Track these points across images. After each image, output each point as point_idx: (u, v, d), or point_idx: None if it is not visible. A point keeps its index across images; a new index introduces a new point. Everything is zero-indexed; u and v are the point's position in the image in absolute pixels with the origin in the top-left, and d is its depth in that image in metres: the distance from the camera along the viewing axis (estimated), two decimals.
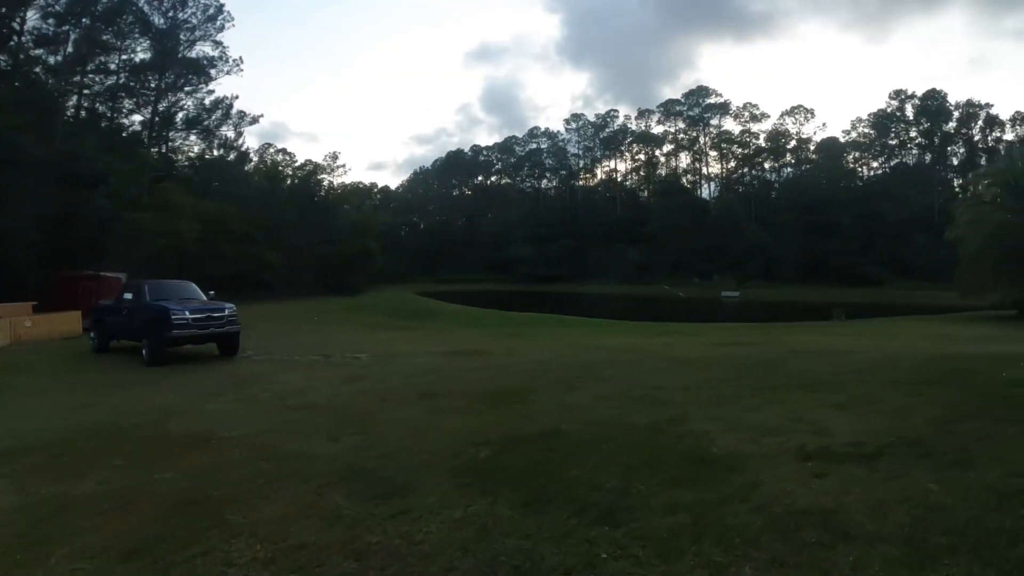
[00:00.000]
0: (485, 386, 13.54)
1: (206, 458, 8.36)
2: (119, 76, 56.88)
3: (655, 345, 22.95)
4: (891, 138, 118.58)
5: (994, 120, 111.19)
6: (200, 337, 19.02)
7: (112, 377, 16.28)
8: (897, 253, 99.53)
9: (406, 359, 18.68)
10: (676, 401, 11.57)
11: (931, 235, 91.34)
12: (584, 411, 10.79)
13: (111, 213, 39.53)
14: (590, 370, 15.79)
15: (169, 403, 12.31)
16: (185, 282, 23.12)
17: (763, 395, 12.04)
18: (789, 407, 10.84)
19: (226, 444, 9.02)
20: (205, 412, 11.40)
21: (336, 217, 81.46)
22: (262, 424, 10.22)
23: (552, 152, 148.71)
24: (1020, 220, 37.33)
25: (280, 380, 14.76)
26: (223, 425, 10.17)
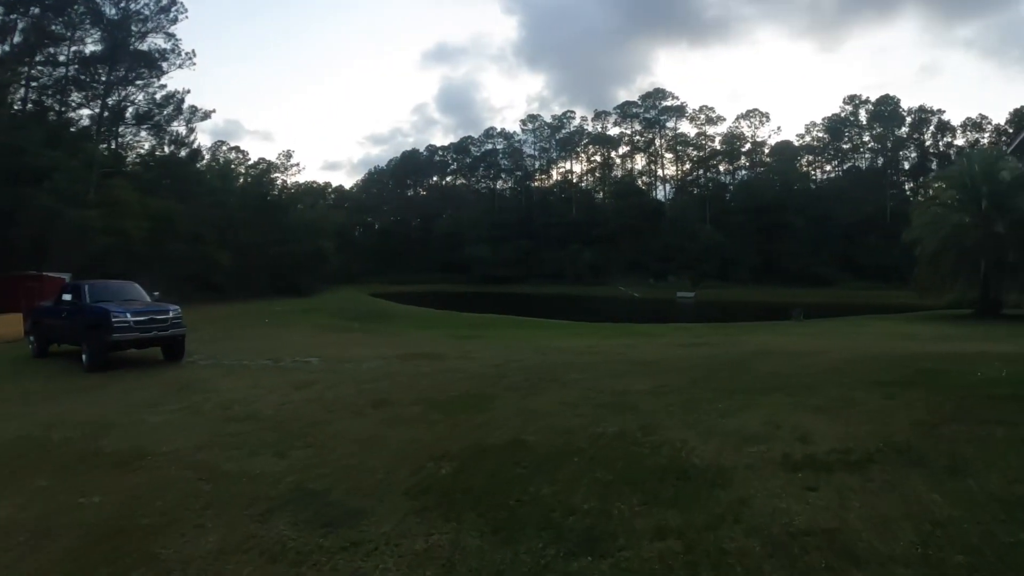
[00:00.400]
0: (441, 392, 12.93)
1: (139, 478, 7.57)
2: (68, 68, 55.44)
3: (615, 347, 22.44)
4: (844, 142, 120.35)
5: (946, 126, 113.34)
6: (143, 341, 17.94)
7: (47, 385, 15.20)
8: (849, 254, 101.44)
9: (358, 363, 17.84)
10: (645, 407, 11.10)
11: (883, 237, 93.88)
12: (549, 419, 10.25)
13: (55, 211, 37.85)
14: (551, 373, 15.27)
15: (105, 414, 11.37)
16: (128, 283, 21.87)
17: (735, 398, 11.71)
18: (766, 411, 10.54)
19: (162, 461, 8.22)
20: (143, 424, 10.51)
21: (289, 216, 79.83)
22: (203, 438, 9.39)
23: (508, 153, 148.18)
24: (976, 222, 37.79)
25: (225, 387, 13.88)
26: (161, 439, 9.35)
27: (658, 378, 14.42)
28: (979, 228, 37.19)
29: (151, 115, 62.52)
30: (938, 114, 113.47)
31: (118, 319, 17.07)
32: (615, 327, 34.73)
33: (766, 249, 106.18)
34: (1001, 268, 36.52)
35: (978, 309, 38.53)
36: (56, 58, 54.61)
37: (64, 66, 55.14)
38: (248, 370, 16.76)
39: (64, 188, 39.55)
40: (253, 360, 18.80)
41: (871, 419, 9.81)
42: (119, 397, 13.11)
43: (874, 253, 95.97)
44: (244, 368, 17.14)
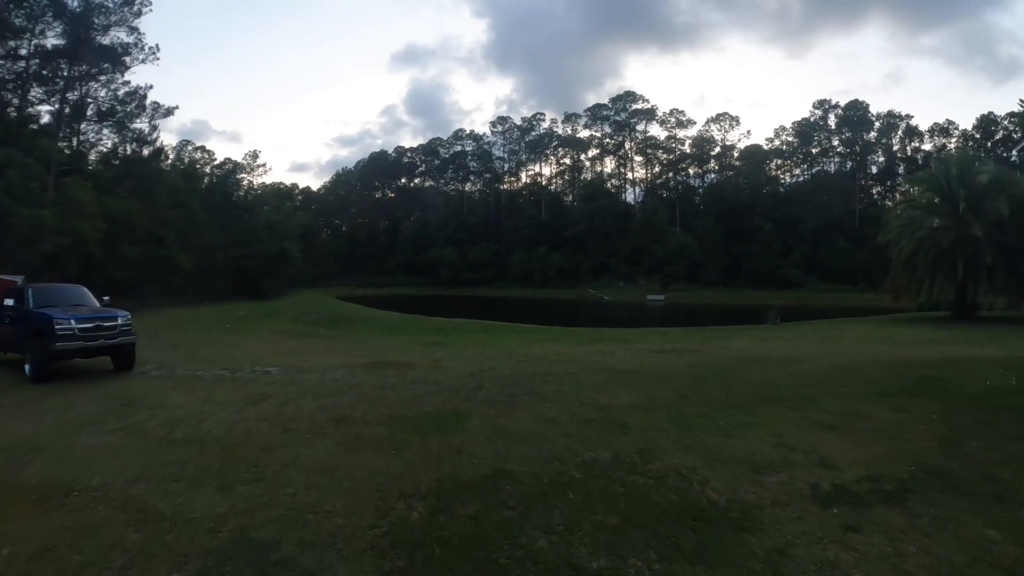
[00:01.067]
0: (410, 408, 11.85)
1: (60, 521, 6.40)
2: (29, 62, 53.54)
3: (591, 353, 21.37)
4: (814, 146, 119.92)
5: (913, 131, 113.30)
6: (89, 350, 16.53)
7: None
8: (817, 257, 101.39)
9: (320, 373, 16.61)
10: (637, 425, 10.18)
11: (851, 240, 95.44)
12: (532, 442, 9.22)
13: (5, 209, 36.29)
14: (528, 385, 14.30)
15: (36, 435, 10.11)
16: (75, 286, 20.25)
17: (733, 414, 10.94)
18: (771, 430, 9.74)
19: (89, 498, 7.03)
20: (76, 448, 9.22)
21: (254, 218, 78.29)
22: (140, 466, 8.16)
23: (477, 155, 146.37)
24: (952, 224, 37.36)
25: (174, 403, 12.58)
26: (92, 468, 8.14)
27: (643, 390, 13.60)
28: (955, 230, 36.76)
29: (113, 111, 60.46)
30: (906, 119, 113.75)
31: (62, 326, 15.67)
32: (588, 332, 33.62)
33: (734, 252, 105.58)
34: (978, 270, 36.14)
35: (954, 311, 38.29)
36: (17, 51, 52.80)
37: (24, 60, 53.28)
38: (201, 381, 15.44)
39: (17, 186, 37.79)
40: (208, 370, 17.49)
41: (888, 437, 9.11)
42: (56, 414, 11.78)
43: (841, 256, 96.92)
44: (197, 379, 15.80)
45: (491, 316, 46.62)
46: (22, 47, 52.65)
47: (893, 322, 36.86)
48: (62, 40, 53.84)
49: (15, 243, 37.19)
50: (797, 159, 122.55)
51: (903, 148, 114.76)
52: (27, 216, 36.52)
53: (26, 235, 37.14)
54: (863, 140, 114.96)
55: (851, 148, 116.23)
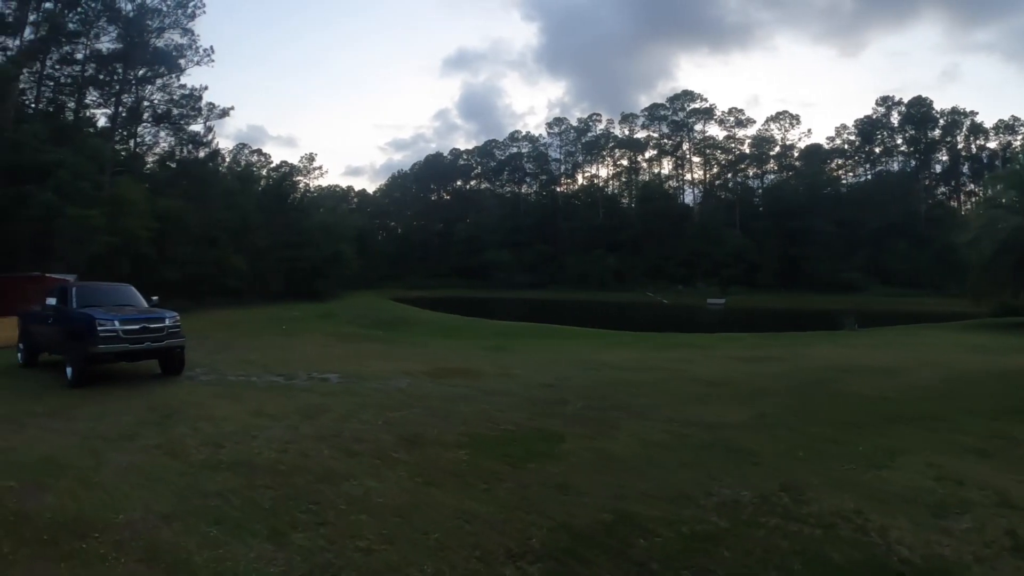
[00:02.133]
0: (489, 426, 10.37)
1: None
2: (85, 66, 53.58)
3: (670, 361, 19.82)
4: (876, 144, 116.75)
5: (979, 128, 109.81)
6: (134, 353, 15.30)
7: (15, 404, 12.62)
8: (879, 260, 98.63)
9: (381, 382, 15.18)
10: (761, 450, 8.65)
11: (914, 242, 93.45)
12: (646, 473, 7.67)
13: (55, 208, 35.76)
14: (615, 398, 12.83)
15: (63, 450, 8.85)
16: (122, 285, 19.16)
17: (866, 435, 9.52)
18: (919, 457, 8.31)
19: (110, 543, 5.63)
20: (104, 470, 7.89)
21: (309, 220, 78.03)
22: (175, 499, 6.77)
23: (533, 157, 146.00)
24: None
25: (221, 415, 11.20)
26: (119, 498, 6.79)
27: (746, 404, 12.15)
28: None
29: (169, 114, 60.57)
30: (971, 116, 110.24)
31: (104, 327, 14.47)
32: (657, 337, 32.03)
33: (793, 255, 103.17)
34: None
35: None
36: (72, 56, 52.82)
37: (80, 64, 53.29)
38: (253, 389, 14.12)
39: (67, 186, 37.27)
40: (261, 376, 16.20)
41: None
42: (90, 424, 10.53)
43: (905, 259, 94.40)
44: (248, 387, 14.49)
45: (549, 319, 45.32)
46: (78, 51, 52.82)
47: (972, 328, 35.10)
48: (117, 44, 53.81)
49: (66, 243, 36.68)
50: (860, 158, 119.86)
51: (968, 146, 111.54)
52: (76, 216, 35.90)
53: (76, 235, 36.57)
54: (927, 138, 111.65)
55: (914, 147, 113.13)
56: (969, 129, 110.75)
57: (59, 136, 42.52)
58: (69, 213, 35.75)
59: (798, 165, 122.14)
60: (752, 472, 7.62)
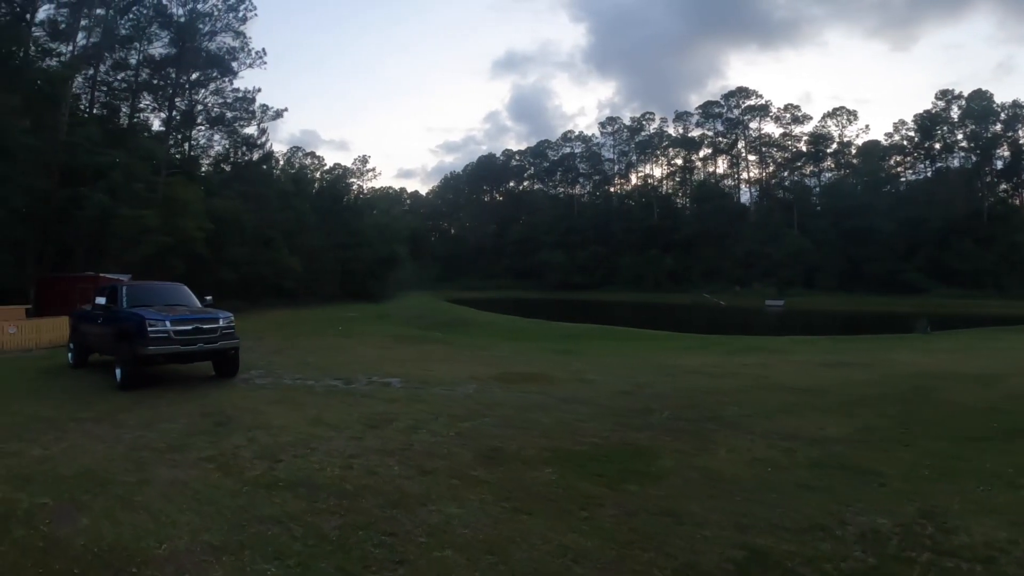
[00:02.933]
0: (573, 439, 9.30)
1: None
2: (139, 72, 53.65)
3: (748, 366, 18.60)
4: (936, 140, 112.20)
5: None
6: (185, 355, 14.61)
7: (62, 407, 11.95)
8: (939, 260, 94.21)
9: (448, 387, 14.21)
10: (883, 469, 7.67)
11: (976, 241, 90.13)
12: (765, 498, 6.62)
13: (109, 209, 35.48)
14: (703, 407, 11.75)
15: (106, 462, 8.03)
16: (175, 285, 18.45)
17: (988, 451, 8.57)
18: None
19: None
20: (149, 487, 7.00)
21: (363, 220, 77.89)
22: (226, 525, 5.82)
23: (586, 157, 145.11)
24: None
25: (278, 423, 10.28)
26: (162, 522, 5.89)
27: (847, 415, 11.07)
28: None
29: (223, 117, 60.51)
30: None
31: (154, 328, 13.75)
32: (725, 340, 30.80)
33: (852, 255, 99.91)
34: None
35: None
36: (126, 62, 52.99)
37: (134, 70, 53.40)
38: (311, 394, 13.23)
39: (120, 187, 37.09)
40: (319, 379, 15.31)
41: None
42: (138, 432, 9.73)
43: (968, 259, 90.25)
44: (307, 391, 13.63)
45: (605, 320, 44.53)
46: (131, 57, 52.88)
47: None
48: (169, 49, 53.80)
49: (119, 243, 36.51)
50: (919, 155, 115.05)
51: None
52: (129, 216, 35.66)
53: (129, 235, 36.35)
54: (988, 133, 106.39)
55: (975, 142, 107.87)
56: None
57: (113, 140, 42.37)
58: (122, 214, 35.54)
59: (855, 162, 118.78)
60: (882, 495, 6.56)
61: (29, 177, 33.12)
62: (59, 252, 38.05)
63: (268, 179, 64.78)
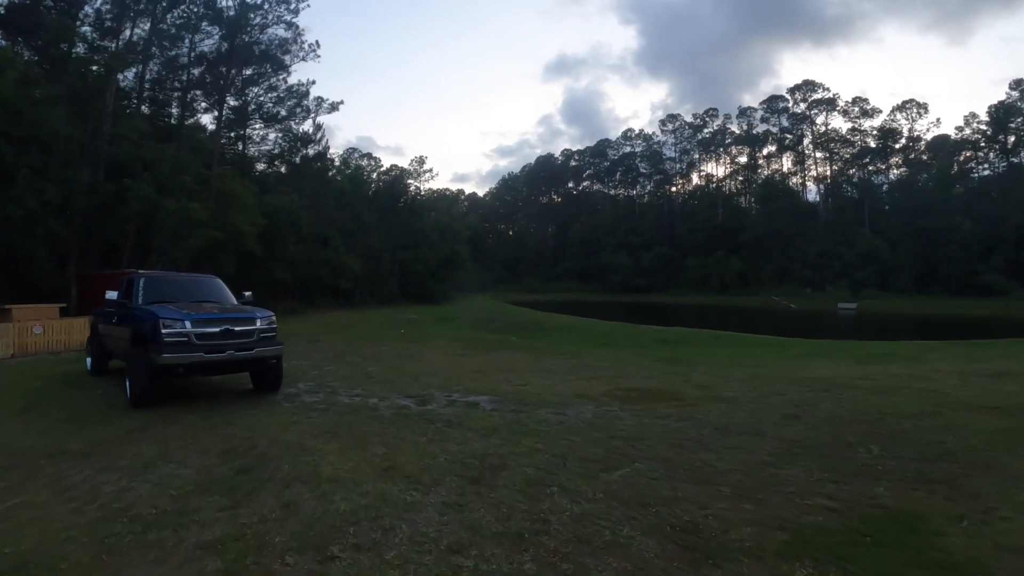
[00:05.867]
0: (786, 498, 6.04)
1: None
2: (190, 70, 51.85)
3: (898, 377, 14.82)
4: (1010, 133, 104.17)
5: None
6: (211, 365, 11.06)
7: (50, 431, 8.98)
8: (1020, 261, 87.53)
9: (557, 410, 10.62)
10: None
11: None
12: None
13: (155, 203, 33.05)
14: (908, 438, 8.42)
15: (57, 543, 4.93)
16: (205, 277, 15.12)
17: None
18: None
19: None
20: None
21: (423, 221, 75.76)
22: None
23: (646, 156, 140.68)
24: None
25: (330, 472, 6.88)
26: None
27: None
28: None
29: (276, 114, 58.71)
30: None
31: (170, 330, 10.48)
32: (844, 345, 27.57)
33: (927, 255, 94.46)
34: None
35: None
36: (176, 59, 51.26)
37: (185, 67, 51.64)
38: (376, 420, 9.82)
39: (167, 179, 34.72)
40: (384, 396, 11.94)
41: None
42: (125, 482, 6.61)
43: None
44: (370, 415, 10.25)
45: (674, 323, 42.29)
46: (181, 55, 51.07)
47: None
48: (221, 45, 51.85)
49: (166, 238, 34.13)
50: (993, 148, 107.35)
51: None
52: (176, 209, 33.08)
53: (176, 229, 33.85)
54: None
55: None
56: None
57: (161, 135, 40.61)
58: (168, 207, 33.00)
59: (925, 158, 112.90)
60: None
61: (71, 169, 30.85)
62: (104, 249, 35.87)
63: (324, 177, 62.58)
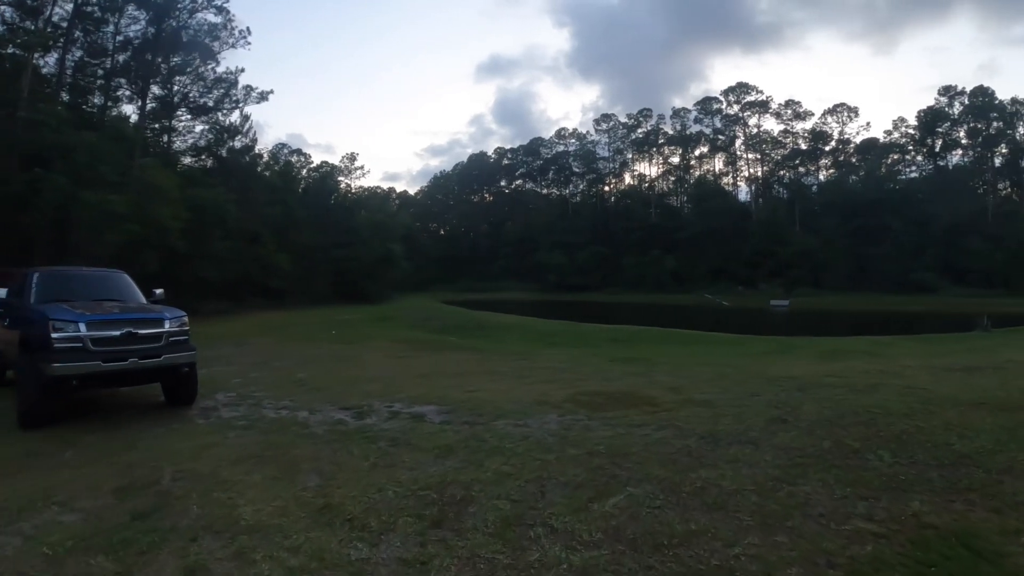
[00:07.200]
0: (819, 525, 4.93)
1: None
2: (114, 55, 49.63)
3: (871, 375, 13.54)
4: (938, 137, 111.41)
5: None
6: (111, 376, 9.42)
7: None
8: (949, 259, 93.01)
9: (518, 421, 9.06)
10: None
11: (985, 239, 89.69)
12: None
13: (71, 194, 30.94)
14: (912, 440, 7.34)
15: None
16: (110, 272, 13.09)
17: None
18: None
19: None
20: None
21: (356, 218, 74.27)
22: None
23: (580, 155, 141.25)
24: None
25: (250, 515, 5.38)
26: None
27: None
28: None
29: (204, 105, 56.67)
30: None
31: (61, 333, 8.82)
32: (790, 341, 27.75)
33: (859, 254, 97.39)
34: None
35: None
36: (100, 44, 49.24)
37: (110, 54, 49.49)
38: (308, 440, 8.19)
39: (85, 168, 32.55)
40: (317, 409, 10.30)
41: None
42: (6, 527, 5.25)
43: (978, 257, 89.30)
44: (300, 432, 8.65)
45: (613, 321, 42.15)
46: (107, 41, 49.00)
47: None
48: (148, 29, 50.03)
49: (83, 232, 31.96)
50: (923, 152, 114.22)
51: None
52: (93, 201, 30.94)
53: (94, 223, 31.72)
54: (989, 130, 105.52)
55: (976, 139, 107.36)
56: None
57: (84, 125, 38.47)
58: (85, 199, 30.81)
59: (854, 161, 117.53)
60: None
61: None
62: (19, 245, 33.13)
63: (253, 172, 60.91)
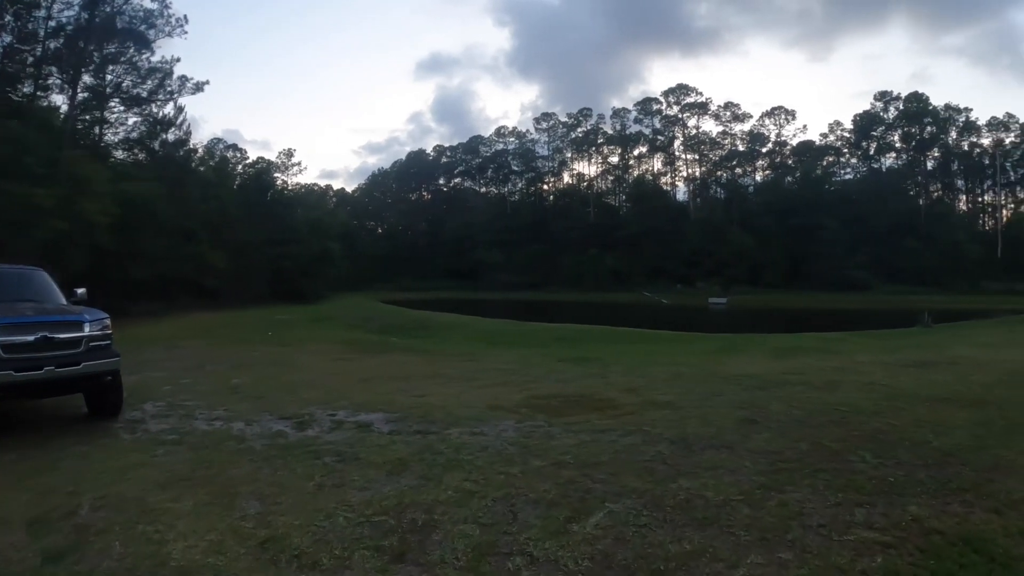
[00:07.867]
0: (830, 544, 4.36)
1: None
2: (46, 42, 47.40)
3: (828, 371, 13.66)
4: (873, 140, 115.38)
5: (972, 125, 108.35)
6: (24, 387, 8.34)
7: None
8: (883, 258, 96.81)
9: (472, 428, 8.43)
10: None
11: (918, 239, 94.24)
12: None
13: None
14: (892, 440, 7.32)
15: None
16: (24, 269, 11.63)
17: None
18: None
19: None
20: None
21: (293, 216, 72.73)
22: None
23: (519, 153, 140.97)
24: None
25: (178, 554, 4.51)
26: None
27: None
28: None
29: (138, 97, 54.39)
30: (966, 112, 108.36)
31: None
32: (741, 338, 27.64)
33: (795, 253, 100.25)
34: None
35: None
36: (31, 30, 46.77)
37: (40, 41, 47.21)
38: (244, 454, 7.44)
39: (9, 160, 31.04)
40: (254, 420, 9.45)
41: None
42: None
43: (910, 256, 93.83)
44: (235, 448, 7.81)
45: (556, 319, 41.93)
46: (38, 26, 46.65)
47: None
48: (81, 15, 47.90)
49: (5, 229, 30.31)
50: (858, 155, 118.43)
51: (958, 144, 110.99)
52: (15, 195, 29.46)
53: (18, 219, 30.14)
54: (925, 134, 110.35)
55: (909, 143, 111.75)
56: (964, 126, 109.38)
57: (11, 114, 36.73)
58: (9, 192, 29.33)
59: (790, 162, 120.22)
60: None
61: None
62: None
63: (187, 167, 59.09)
